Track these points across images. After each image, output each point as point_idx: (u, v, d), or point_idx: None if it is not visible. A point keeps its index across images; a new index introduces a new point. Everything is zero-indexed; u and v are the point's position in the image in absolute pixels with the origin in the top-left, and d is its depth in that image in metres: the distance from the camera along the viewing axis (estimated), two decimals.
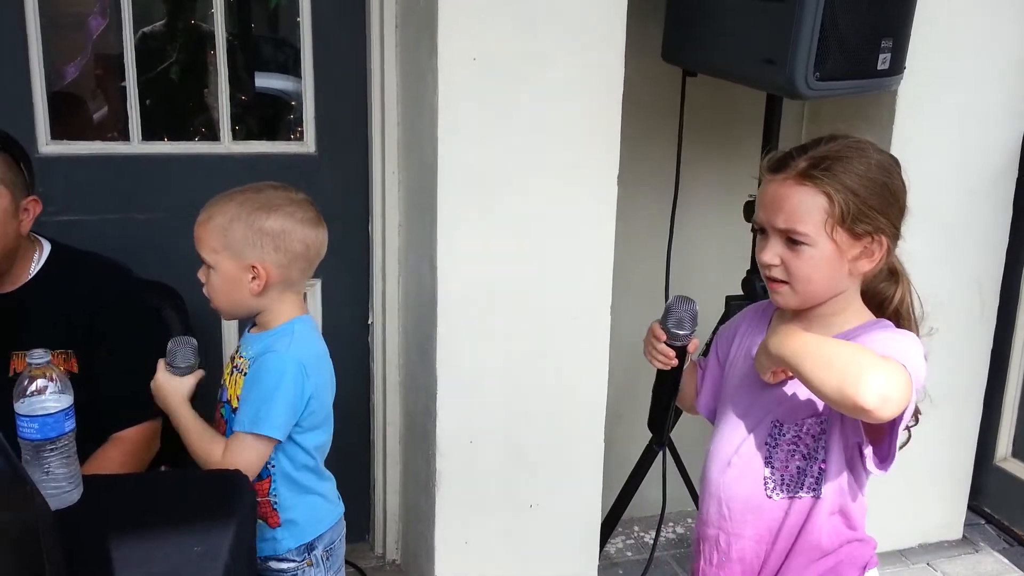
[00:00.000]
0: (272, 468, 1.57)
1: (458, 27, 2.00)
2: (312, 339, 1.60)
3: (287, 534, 1.60)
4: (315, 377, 1.55)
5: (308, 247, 1.55)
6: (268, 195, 1.54)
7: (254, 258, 1.51)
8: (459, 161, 2.06)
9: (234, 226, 1.50)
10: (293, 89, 2.47)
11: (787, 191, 1.32)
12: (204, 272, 1.56)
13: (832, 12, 1.89)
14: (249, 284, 1.52)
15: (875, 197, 1.31)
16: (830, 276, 1.34)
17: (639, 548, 2.76)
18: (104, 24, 2.33)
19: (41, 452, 1.32)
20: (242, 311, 1.59)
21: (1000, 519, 2.90)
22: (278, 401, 1.50)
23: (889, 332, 1.34)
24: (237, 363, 1.59)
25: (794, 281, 1.34)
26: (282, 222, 1.52)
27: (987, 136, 2.54)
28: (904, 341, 1.31)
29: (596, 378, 2.28)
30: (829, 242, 1.31)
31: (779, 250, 1.34)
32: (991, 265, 2.65)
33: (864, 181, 1.31)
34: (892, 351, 1.25)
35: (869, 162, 1.33)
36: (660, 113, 2.44)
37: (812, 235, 1.31)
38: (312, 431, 1.59)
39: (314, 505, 1.63)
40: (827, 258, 1.32)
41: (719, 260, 2.59)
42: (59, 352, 1.76)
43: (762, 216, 1.37)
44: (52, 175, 2.13)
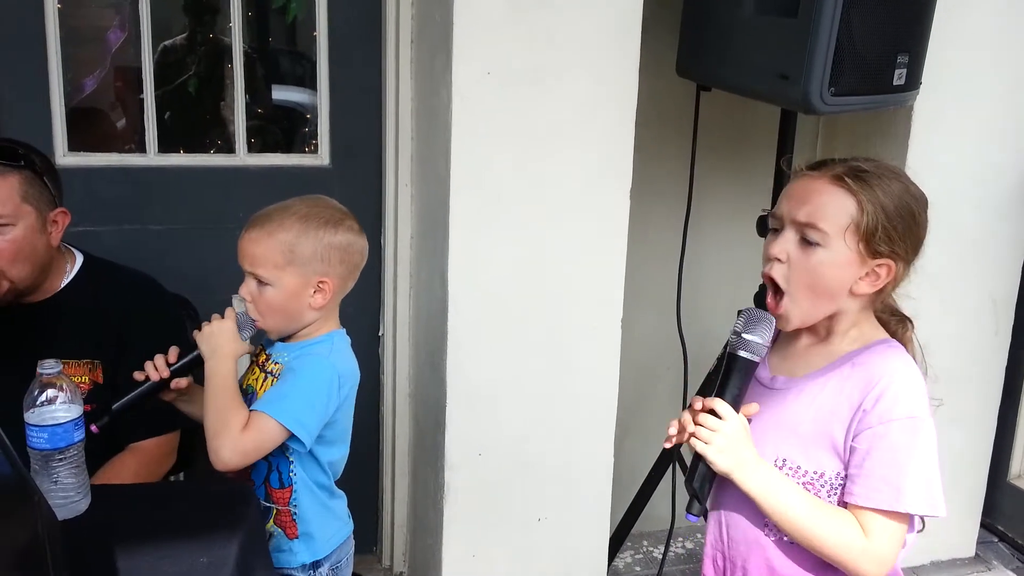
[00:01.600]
0: (295, 476, 1.55)
1: (473, 42, 2.01)
2: (349, 354, 1.59)
3: (303, 547, 1.58)
4: (345, 390, 1.54)
5: (363, 257, 1.58)
6: (327, 209, 1.54)
7: (321, 272, 1.51)
8: (472, 175, 2.07)
9: (302, 241, 1.49)
10: (309, 102, 2.49)
11: (819, 187, 1.29)
12: (253, 289, 1.51)
13: (848, 27, 1.88)
14: (311, 299, 1.51)
15: (901, 221, 1.28)
16: (831, 286, 1.29)
17: (648, 563, 2.74)
18: (123, 37, 2.36)
19: (50, 462, 1.33)
20: (295, 327, 1.56)
21: (1013, 537, 2.87)
22: (310, 400, 1.48)
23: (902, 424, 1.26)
24: (269, 368, 1.57)
25: (792, 288, 1.30)
26: (347, 236, 1.54)
27: (1003, 152, 2.52)
28: (914, 438, 1.25)
29: (606, 392, 2.28)
30: (844, 248, 1.27)
31: (790, 246, 1.30)
32: (1006, 282, 2.63)
33: (896, 201, 1.28)
34: (894, 468, 1.24)
35: (905, 187, 1.31)
36: (674, 127, 2.44)
37: (830, 235, 1.27)
38: (331, 445, 1.57)
39: (328, 521, 1.61)
40: (835, 264, 1.28)
41: (731, 274, 2.59)
42: (86, 362, 1.78)
43: (784, 207, 1.32)
44: (69, 186, 2.13)
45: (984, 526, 2.85)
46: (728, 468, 1.28)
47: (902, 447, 1.25)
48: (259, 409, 1.46)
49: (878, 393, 1.26)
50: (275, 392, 1.50)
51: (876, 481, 1.26)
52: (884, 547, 1.27)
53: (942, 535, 2.75)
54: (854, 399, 1.29)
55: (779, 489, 1.29)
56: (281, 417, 1.45)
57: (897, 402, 1.26)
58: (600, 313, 2.22)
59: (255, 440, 1.45)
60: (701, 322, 2.52)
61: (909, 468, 1.25)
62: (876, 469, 1.26)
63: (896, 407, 1.26)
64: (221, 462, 1.43)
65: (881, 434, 1.25)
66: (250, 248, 1.50)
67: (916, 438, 1.26)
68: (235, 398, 1.48)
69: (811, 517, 1.28)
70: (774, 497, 1.29)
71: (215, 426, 1.45)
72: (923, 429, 1.26)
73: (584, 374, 2.25)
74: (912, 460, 1.25)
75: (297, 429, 1.46)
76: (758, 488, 1.29)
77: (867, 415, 1.27)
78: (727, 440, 1.28)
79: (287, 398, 1.47)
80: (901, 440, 1.25)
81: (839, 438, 1.30)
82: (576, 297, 2.20)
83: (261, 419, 1.45)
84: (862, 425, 1.27)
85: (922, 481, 1.25)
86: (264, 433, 1.45)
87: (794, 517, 1.28)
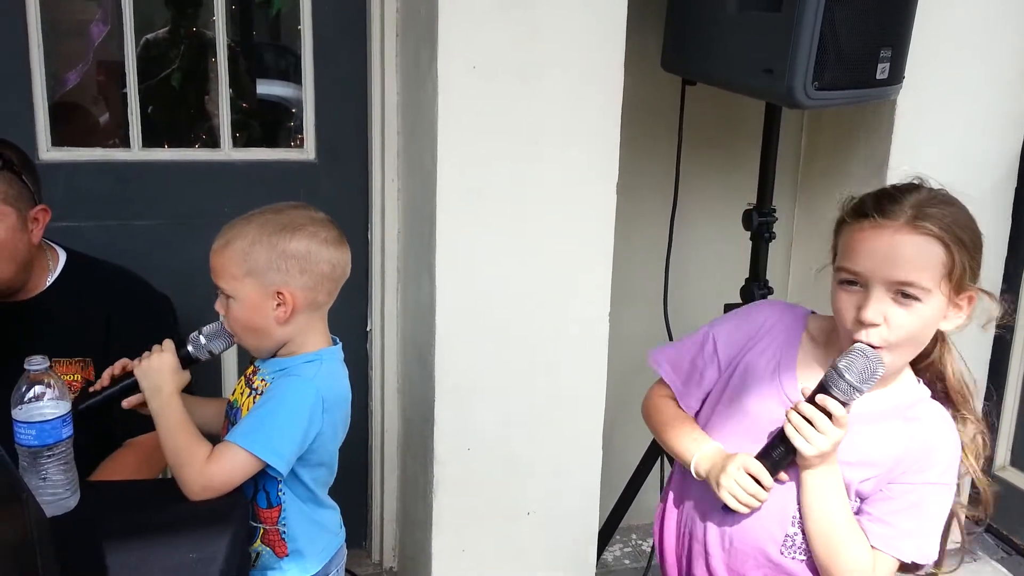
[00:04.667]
0: (283, 495, 1.48)
1: (458, 36, 2.00)
2: (338, 375, 1.52)
3: (293, 565, 1.52)
4: (330, 415, 1.46)
5: (334, 267, 1.46)
6: (289, 215, 1.45)
7: (279, 283, 1.41)
8: (459, 169, 2.07)
9: (255, 249, 1.40)
10: (293, 96, 2.48)
11: (904, 240, 1.20)
12: (223, 304, 1.45)
13: (831, 22, 1.89)
14: (274, 312, 1.42)
15: (977, 251, 1.25)
16: (928, 335, 1.26)
17: (637, 556, 2.76)
18: (106, 31, 2.34)
19: (38, 458, 1.32)
20: (270, 343, 1.47)
21: (998, 528, 2.89)
22: (286, 427, 1.40)
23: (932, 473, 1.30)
24: (255, 384, 1.49)
25: (895, 342, 1.22)
26: (306, 243, 1.42)
27: (987, 145, 2.54)
28: (944, 503, 1.31)
29: (594, 386, 2.28)
30: (940, 297, 1.22)
31: (885, 307, 1.21)
32: (990, 274, 2.64)
33: (970, 233, 1.24)
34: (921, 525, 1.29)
35: (963, 210, 1.26)
36: (659, 122, 2.45)
37: (932, 290, 1.20)
38: (313, 467, 1.50)
39: (318, 536, 1.55)
40: (933, 315, 1.23)
41: (718, 268, 2.60)
42: (77, 360, 1.77)
43: (866, 265, 1.22)
44: (52, 181, 2.13)
45: (969, 517, 2.87)
46: (816, 465, 1.28)
47: (933, 510, 1.31)
48: (230, 440, 1.40)
49: (923, 453, 1.30)
50: (249, 420, 1.42)
51: (903, 533, 1.30)
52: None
53: None
54: (908, 454, 1.30)
55: (840, 499, 1.30)
56: (253, 448, 1.38)
57: (944, 470, 1.31)
58: (588, 307, 2.23)
59: (223, 473, 1.38)
60: (688, 316, 2.52)
61: (930, 528, 1.31)
62: (904, 521, 1.30)
63: (941, 474, 1.30)
64: (192, 495, 1.38)
65: (920, 492, 1.30)
66: (213, 260, 1.44)
67: (944, 501, 1.31)
68: (189, 434, 1.40)
69: (846, 533, 1.30)
70: (832, 504, 1.30)
71: (176, 463, 1.40)
72: (949, 495, 1.32)
73: (572, 368, 2.25)
74: (936, 522, 1.31)
75: (270, 458, 1.39)
76: (825, 488, 1.29)
77: (910, 472, 1.30)
78: (831, 447, 1.25)
79: (261, 426, 1.40)
80: (935, 503, 1.31)
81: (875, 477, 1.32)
82: (563, 292, 2.20)
83: (230, 450, 1.39)
84: (903, 478, 1.31)
85: (935, 539, 1.32)
86: (232, 465, 1.38)
87: (834, 524, 1.30)
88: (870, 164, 2.44)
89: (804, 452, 1.25)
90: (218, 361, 2.35)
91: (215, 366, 2.35)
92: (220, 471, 1.39)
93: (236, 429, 1.42)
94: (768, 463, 1.30)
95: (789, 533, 1.34)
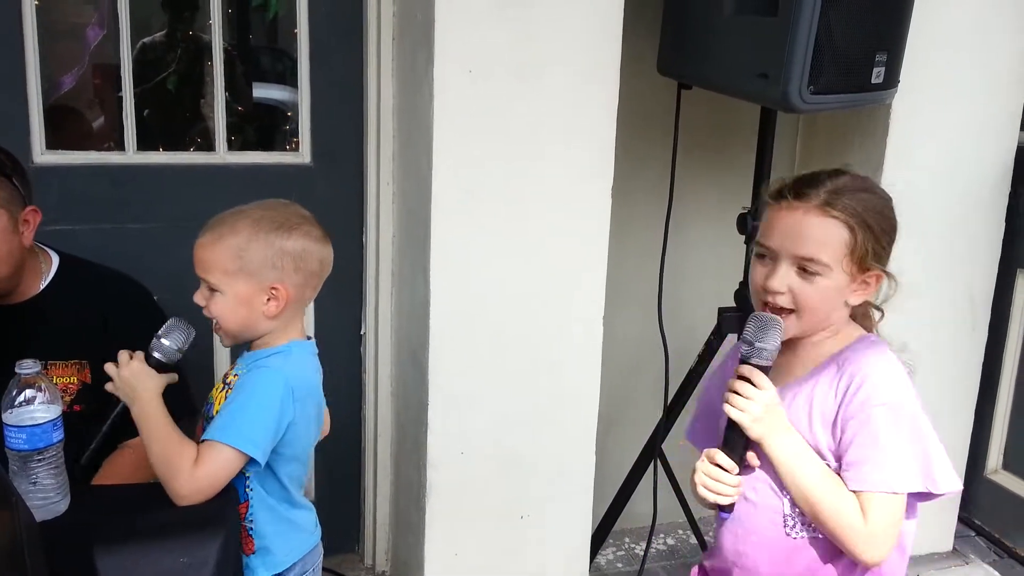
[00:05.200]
0: (251, 492, 1.49)
1: (455, 40, 2.00)
2: (308, 365, 1.53)
3: (259, 562, 1.52)
4: (301, 405, 1.47)
5: (322, 265, 1.50)
6: (282, 213, 1.47)
7: (274, 279, 1.44)
8: (454, 172, 2.07)
9: (252, 246, 1.43)
10: (289, 100, 2.48)
11: (811, 220, 1.33)
12: (204, 296, 1.47)
13: (827, 26, 1.89)
14: (264, 306, 1.45)
15: (885, 235, 1.36)
16: (832, 306, 1.37)
17: (630, 560, 2.76)
18: (102, 35, 2.35)
19: (29, 463, 1.32)
20: (251, 335, 1.50)
21: (990, 531, 2.90)
22: (258, 417, 1.42)
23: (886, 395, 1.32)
24: (229, 380, 1.52)
25: (802, 310, 1.35)
26: (302, 241, 1.46)
27: (980, 150, 2.55)
28: (896, 421, 1.30)
29: (588, 389, 2.28)
30: (842, 274, 1.34)
31: (790, 279, 1.35)
32: (983, 278, 2.66)
33: (880, 219, 1.35)
34: (879, 451, 1.29)
35: (881, 200, 1.38)
36: (655, 125, 2.45)
37: (831, 266, 1.33)
38: (288, 462, 1.51)
39: (289, 535, 1.55)
40: (837, 289, 1.35)
41: (712, 271, 2.60)
42: (73, 363, 1.77)
43: (776, 242, 1.36)
44: (47, 185, 2.13)
45: (962, 520, 2.88)
46: (761, 434, 1.34)
47: (883, 430, 1.30)
48: (210, 438, 1.41)
49: (858, 383, 1.32)
50: (224, 415, 1.43)
51: (863, 465, 1.30)
52: (880, 530, 1.30)
53: (920, 529, 2.71)
54: (839, 394, 1.34)
55: (805, 460, 1.34)
56: (233, 441, 1.39)
57: (875, 391, 1.31)
58: (582, 310, 2.23)
59: (211, 473, 1.39)
60: (683, 319, 2.53)
61: (893, 450, 1.30)
62: (863, 453, 1.30)
63: (874, 395, 1.31)
64: (182, 500, 1.38)
65: (863, 421, 1.30)
66: (200, 253, 1.45)
67: (898, 420, 1.30)
68: (174, 439, 1.41)
69: (828, 492, 1.32)
70: (799, 467, 1.33)
71: (164, 471, 1.40)
72: (904, 412, 1.31)
73: (566, 372, 2.25)
74: (895, 442, 1.30)
75: (250, 449, 1.40)
76: (786, 455, 1.34)
77: (849, 406, 1.32)
78: (763, 409, 1.33)
79: (235, 419, 1.41)
80: (882, 424, 1.30)
81: (829, 433, 1.35)
82: (558, 295, 2.20)
83: (214, 449, 1.40)
84: (847, 416, 1.32)
85: (909, 460, 1.30)
86: (219, 463, 1.39)
87: (812, 489, 1.32)
88: (865, 168, 2.43)
89: (741, 421, 1.34)
90: (210, 365, 2.35)
91: (208, 367, 2.35)
92: (207, 473, 1.39)
93: (212, 426, 1.44)
94: (728, 449, 1.37)
95: (786, 512, 1.38)
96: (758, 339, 1.34)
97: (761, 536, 1.41)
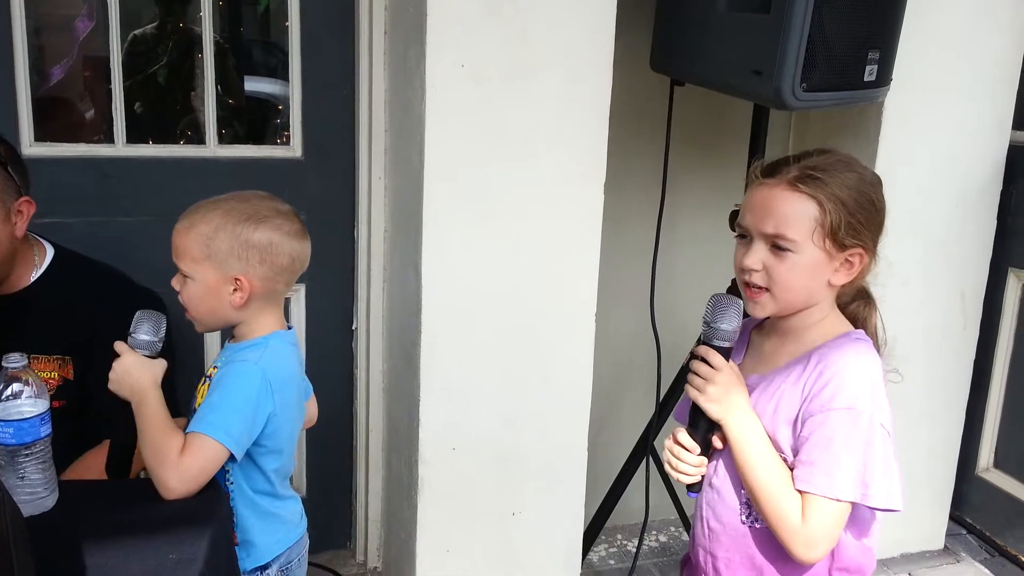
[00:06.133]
0: (231, 485, 1.50)
1: (447, 34, 1.99)
2: (286, 356, 1.53)
3: (243, 554, 1.52)
4: (280, 395, 1.48)
5: (294, 260, 1.50)
6: (255, 205, 1.48)
7: (238, 270, 1.45)
8: (446, 167, 2.06)
9: (219, 236, 1.44)
10: (281, 93, 2.47)
11: (778, 195, 1.33)
12: (179, 281, 1.49)
13: (819, 24, 1.89)
14: (230, 296, 1.47)
15: (862, 211, 1.33)
16: (810, 285, 1.35)
17: (622, 556, 2.76)
18: (91, 26, 2.33)
19: (16, 457, 1.31)
20: (219, 323, 1.53)
21: (981, 529, 2.91)
22: (236, 410, 1.42)
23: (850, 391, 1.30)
24: (210, 373, 1.52)
25: (774, 288, 1.34)
26: (269, 235, 1.46)
27: (973, 148, 2.55)
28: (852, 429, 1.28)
29: (580, 386, 2.28)
30: (815, 250, 1.32)
31: (763, 255, 1.34)
32: (975, 277, 2.67)
33: (854, 194, 1.32)
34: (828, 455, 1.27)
35: (858, 176, 1.35)
36: (648, 122, 2.45)
37: (800, 242, 1.31)
38: (272, 454, 1.51)
39: (272, 528, 1.55)
40: (810, 266, 1.33)
41: (705, 268, 2.60)
42: (56, 358, 1.75)
43: (748, 220, 1.36)
44: (35, 177, 2.10)
45: (953, 518, 2.89)
46: (721, 415, 1.34)
47: (838, 436, 1.28)
48: (192, 429, 1.41)
49: (824, 382, 1.31)
50: (205, 406, 1.44)
51: (811, 467, 1.29)
52: (815, 531, 1.29)
53: (912, 528, 2.78)
54: (806, 390, 1.33)
55: (757, 446, 1.33)
56: (212, 432, 1.40)
57: (839, 392, 1.29)
58: (574, 307, 2.22)
59: (197, 463, 1.39)
60: (675, 316, 2.53)
61: (842, 457, 1.28)
62: (813, 455, 1.29)
63: (837, 397, 1.29)
64: (170, 492, 1.38)
65: (820, 422, 1.29)
66: (174, 239, 1.48)
67: (854, 429, 1.28)
68: (167, 427, 1.41)
69: (773, 484, 1.31)
70: (750, 452, 1.33)
71: (153, 460, 1.40)
72: (862, 421, 1.29)
73: (559, 368, 2.25)
74: (847, 449, 1.28)
75: (227, 442, 1.40)
76: (740, 437, 1.34)
77: (811, 403, 1.31)
78: (721, 389, 1.34)
79: (215, 411, 1.42)
80: (838, 429, 1.28)
81: (790, 428, 1.34)
82: (550, 291, 2.20)
83: (197, 440, 1.40)
84: (807, 412, 1.32)
85: (855, 470, 1.28)
86: (203, 453, 1.40)
87: (758, 477, 1.32)
88: None
89: (699, 401, 1.35)
90: (201, 357, 2.34)
91: (198, 356, 2.34)
92: (194, 462, 1.39)
93: (194, 420, 1.44)
94: (691, 430, 1.39)
95: (744, 500, 1.38)
96: (715, 319, 1.35)
97: (722, 522, 1.42)
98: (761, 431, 1.34)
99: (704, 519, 1.45)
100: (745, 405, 1.35)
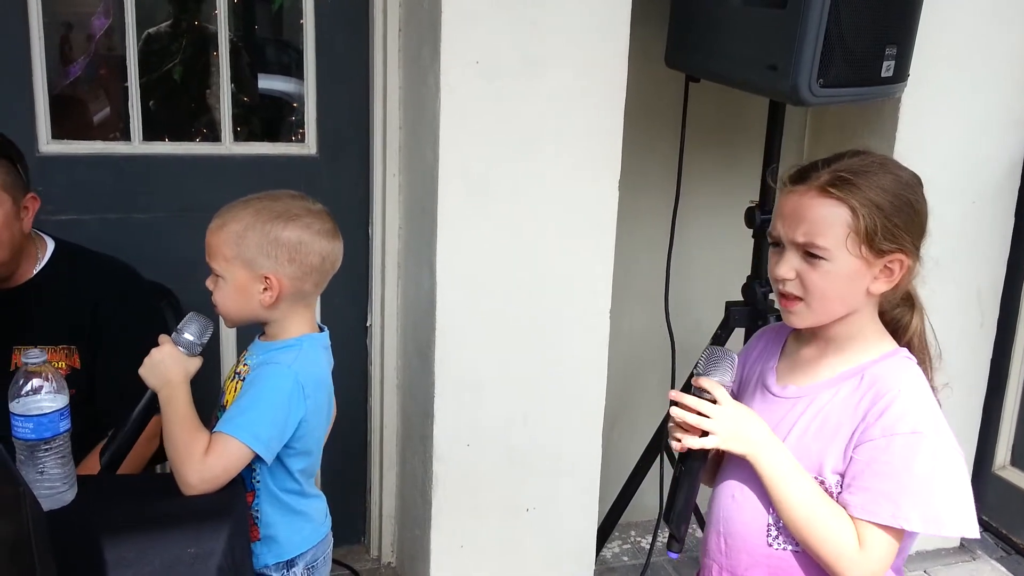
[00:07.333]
0: (257, 483, 1.50)
1: (461, 31, 1.99)
2: (318, 360, 1.53)
3: (265, 550, 1.53)
4: (312, 400, 1.47)
5: (324, 259, 1.49)
6: (286, 204, 1.47)
7: (267, 269, 1.44)
8: (460, 164, 2.06)
9: (248, 235, 1.44)
10: (295, 91, 2.48)
11: (808, 203, 1.26)
12: (212, 281, 1.48)
13: (836, 19, 1.88)
14: (260, 295, 1.46)
15: (899, 214, 1.25)
16: (846, 293, 1.28)
17: (636, 553, 2.75)
18: (107, 24, 2.34)
19: (36, 452, 1.32)
20: (250, 321, 1.52)
21: (998, 527, 2.89)
22: (267, 414, 1.42)
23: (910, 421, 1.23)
24: (239, 370, 1.52)
25: (808, 297, 1.28)
26: (299, 233, 1.45)
27: (990, 145, 2.54)
28: (915, 454, 1.22)
29: (594, 382, 2.28)
30: (849, 258, 1.25)
31: (795, 264, 1.28)
32: (992, 274, 2.65)
33: (889, 196, 1.25)
34: (894, 483, 1.22)
35: (895, 177, 1.28)
36: (662, 118, 2.44)
37: (832, 249, 1.25)
38: (300, 456, 1.51)
39: (297, 525, 1.56)
40: (846, 274, 1.26)
41: (720, 266, 2.59)
42: (62, 347, 1.78)
43: (779, 228, 1.30)
44: (52, 174, 2.13)
45: None
46: (745, 452, 1.28)
47: (903, 462, 1.23)
48: (220, 430, 1.41)
49: (884, 406, 1.25)
50: (235, 407, 1.44)
51: (875, 495, 1.24)
52: (875, 560, 1.25)
53: None
54: (860, 411, 1.27)
55: (795, 476, 1.28)
56: (241, 435, 1.40)
57: (902, 417, 1.24)
58: (588, 304, 2.22)
59: (220, 464, 1.40)
60: (689, 314, 2.52)
61: (909, 484, 1.23)
62: (876, 483, 1.24)
63: (900, 422, 1.24)
64: (190, 489, 1.38)
65: (883, 447, 1.23)
66: (208, 239, 1.47)
67: (918, 454, 1.23)
68: (193, 424, 1.41)
69: (818, 512, 1.26)
70: (791, 487, 1.27)
71: (176, 456, 1.40)
72: (926, 445, 1.23)
73: (573, 365, 2.25)
74: (913, 476, 1.23)
75: (256, 446, 1.41)
76: (778, 473, 1.27)
77: (870, 428, 1.25)
78: (732, 422, 1.28)
79: (245, 414, 1.42)
80: (902, 455, 1.23)
81: (841, 448, 1.28)
82: (564, 288, 2.19)
83: (223, 440, 1.40)
84: (864, 437, 1.25)
85: (922, 498, 1.23)
86: (229, 455, 1.40)
87: (801, 508, 1.26)
88: None
89: (717, 445, 1.28)
90: (216, 353, 2.35)
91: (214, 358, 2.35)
92: (217, 463, 1.39)
93: (223, 418, 1.44)
94: (675, 519, 1.32)
95: (770, 522, 1.32)
96: (708, 372, 1.31)
97: (743, 540, 1.35)
98: (792, 460, 1.28)
99: (721, 534, 1.39)
100: (768, 433, 1.29)
